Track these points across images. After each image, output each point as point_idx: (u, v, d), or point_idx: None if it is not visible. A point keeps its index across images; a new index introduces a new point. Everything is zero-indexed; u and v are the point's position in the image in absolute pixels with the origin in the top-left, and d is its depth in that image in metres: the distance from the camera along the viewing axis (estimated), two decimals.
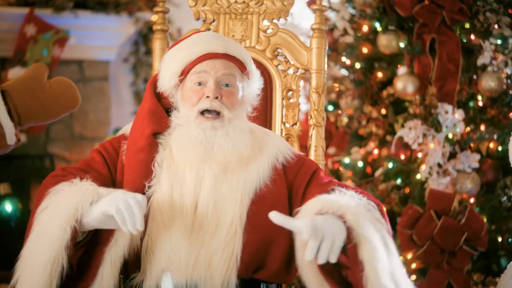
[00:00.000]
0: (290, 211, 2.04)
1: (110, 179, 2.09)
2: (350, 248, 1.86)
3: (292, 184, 2.09)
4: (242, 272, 1.98)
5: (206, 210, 1.98)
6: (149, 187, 2.02)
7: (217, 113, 2.03)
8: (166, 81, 2.10)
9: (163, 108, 2.12)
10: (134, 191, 1.94)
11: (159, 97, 2.14)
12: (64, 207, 1.90)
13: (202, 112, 2.04)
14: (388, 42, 3.75)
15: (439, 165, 3.51)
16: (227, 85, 2.06)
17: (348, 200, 1.92)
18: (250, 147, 2.07)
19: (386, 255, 1.87)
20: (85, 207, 1.89)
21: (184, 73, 2.08)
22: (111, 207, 1.85)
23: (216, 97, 2.02)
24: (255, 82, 2.16)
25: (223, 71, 2.05)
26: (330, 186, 2.04)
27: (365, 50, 3.90)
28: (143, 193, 1.99)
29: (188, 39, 2.14)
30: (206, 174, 2.01)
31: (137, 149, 2.06)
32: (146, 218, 1.97)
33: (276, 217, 1.82)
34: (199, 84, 2.05)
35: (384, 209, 2.03)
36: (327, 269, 1.92)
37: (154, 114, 2.09)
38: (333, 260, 1.80)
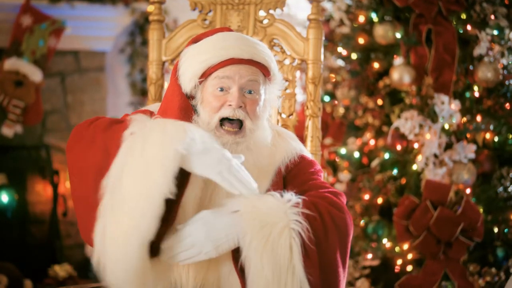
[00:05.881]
0: None
1: None
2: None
3: (285, 181, 2.04)
4: None
5: None
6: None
7: (239, 122, 1.97)
8: (186, 80, 2.01)
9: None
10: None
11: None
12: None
13: (222, 121, 1.97)
14: (384, 33, 3.75)
15: (435, 156, 3.51)
16: (250, 92, 1.99)
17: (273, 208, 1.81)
18: (269, 159, 2.02)
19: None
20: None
21: (205, 75, 2.00)
22: (213, 174, 1.77)
23: (240, 106, 1.96)
24: (277, 85, 2.10)
25: (247, 77, 1.98)
26: (305, 187, 1.96)
27: (361, 40, 3.90)
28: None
29: (211, 38, 2.03)
30: (216, 189, 1.93)
31: None
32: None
33: None
34: (221, 89, 1.98)
35: (349, 223, 1.89)
36: None
37: (185, 114, 1.99)
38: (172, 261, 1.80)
